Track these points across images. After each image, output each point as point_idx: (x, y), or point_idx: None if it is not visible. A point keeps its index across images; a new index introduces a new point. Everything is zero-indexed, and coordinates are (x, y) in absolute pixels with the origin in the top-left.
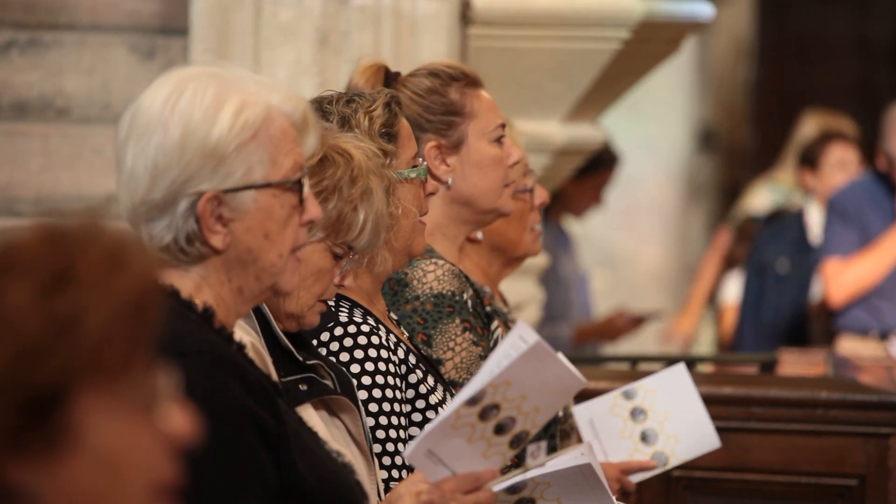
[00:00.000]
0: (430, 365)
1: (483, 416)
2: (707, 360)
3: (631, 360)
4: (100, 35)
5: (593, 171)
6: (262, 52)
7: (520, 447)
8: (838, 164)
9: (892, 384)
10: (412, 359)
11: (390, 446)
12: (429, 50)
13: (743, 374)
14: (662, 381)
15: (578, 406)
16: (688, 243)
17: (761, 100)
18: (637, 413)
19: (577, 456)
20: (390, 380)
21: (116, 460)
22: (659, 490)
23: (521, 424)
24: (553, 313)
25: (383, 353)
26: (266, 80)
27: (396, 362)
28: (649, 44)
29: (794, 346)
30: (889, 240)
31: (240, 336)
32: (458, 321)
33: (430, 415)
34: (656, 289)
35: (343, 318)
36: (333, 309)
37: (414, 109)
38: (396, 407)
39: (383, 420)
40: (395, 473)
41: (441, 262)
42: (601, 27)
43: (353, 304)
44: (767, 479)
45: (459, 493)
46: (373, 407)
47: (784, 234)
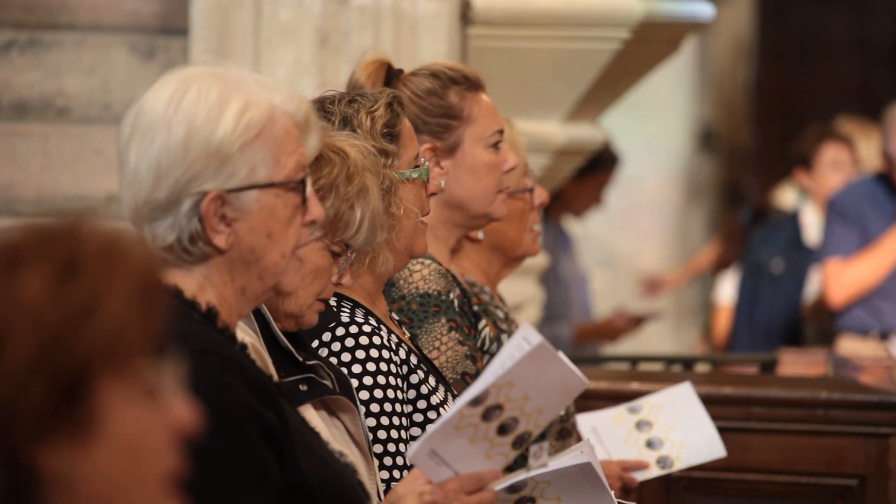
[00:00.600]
0: (432, 365)
1: (486, 416)
2: (707, 361)
3: (631, 360)
4: (100, 35)
5: (593, 171)
6: (262, 52)
7: (522, 448)
8: (832, 164)
9: (892, 384)
10: (413, 359)
11: (391, 446)
12: (429, 50)
13: (743, 374)
14: (668, 398)
15: (582, 416)
16: (688, 243)
17: (761, 100)
18: (642, 425)
19: (577, 454)
20: (392, 380)
21: (138, 445)
22: (659, 490)
23: (524, 425)
24: (553, 313)
25: (385, 354)
26: (269, 81)
27: (398, 363)
28: (649, 44)
29: (788, 347)
30: (889, 240)
31: (241, 336)
32: (443, 320)
33: (432, 415)
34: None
35: (345, 318)
36: (335, 309)
37: (412, 110)
38: (398, 407)
39: (384, 420)
40: (395, 474)
41: (428, 261)
42: (601, 27)
43: (355, 305)
44: (767, 479)
45: (462, 493)
46: (374, 407)
47: (778, 234)
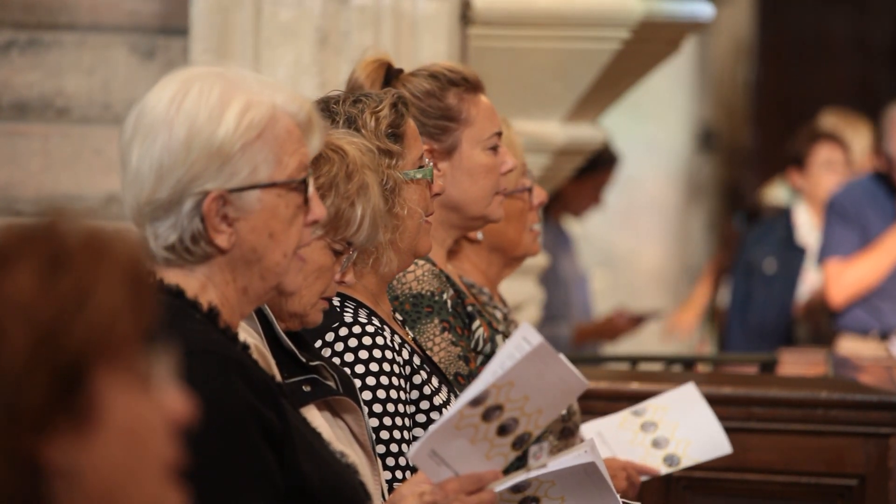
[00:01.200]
0: (435, 366)
1: (486, 416)
2: (707, 361)
3: (631, 360)
4: (100, 35)
5: (592, 171)
6: (262, 52)
7: (522, 448)
8: (825, 164)
9: (892, 384)
10: (416, 360)
11: (394, 447)
12: (429, 50)
13: (743, 374)
14: (672, 399)
15: (587, 424)
16: (688, 243)
17: (761, 100)
18: (647, 426)
19: (581, 454)
20: (394, 380)
21: (137, 435)
22: (659, 490)
23: (524, 426)
24: (553, 313)
25: (388, 354)
26: (270, 81)
27: (401, 363)
28: (649, 44)
29: (782, 347)
30: (889, 240)
31: (243, 336)
32: (436, 321)
33: (435, 416)
34: (656, 289)
35: (348, 318)
36: (339, 309)
37: (411, 112)
38: (401, 408)
39: (387, 421)
40: (398, 474)
41: (421, 262)
42: (601, 27)
43: (359, 305)
44: (767, 479)
45: (462, 493)
46: (377, 407)
47: (771, 234)
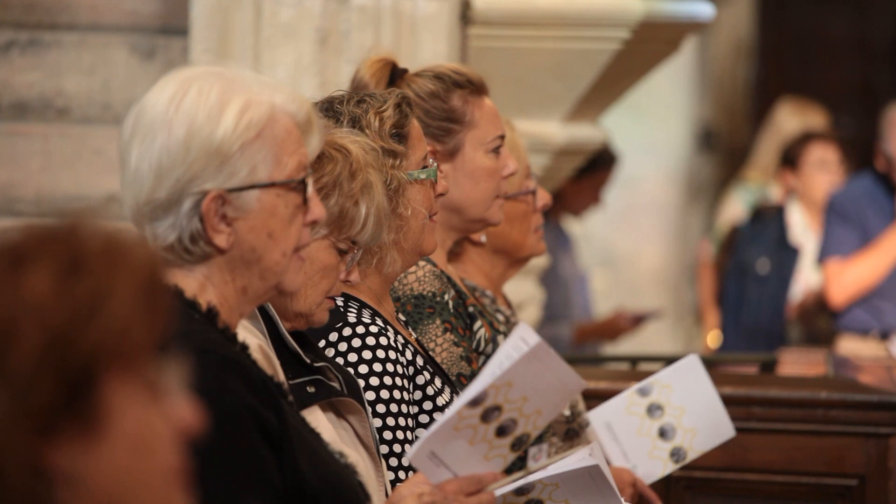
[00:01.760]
0: (438, 367)
1: (485, 417)
2: (707, 361)
3: (631, 360)
4: (100, 35)
5: (592, 171)
6: (262, 52)
7: (521, 449)
8: (818, 164)
9: (892, 384)
10: (420, 360)
11: (397, 447)
12: (429, 50)
13: (743, 374)
14: (676, 374)
15: (594, 411)
16: (688, 243)
17: (761, 100)
18: (654, 409)
19: (585, 457)
20: (398, 381)
21: (144, 442)
22: (659, 490)
23: (523, 426)
24: (553, 313)
25: (391, 354)
26: (270, 80)
27: (404, 363)
28: (649, 44)
29: (776, 347)
30: (889, 239)
31: (243, 336)
32: (438, 322)
33: (438, 416)
34: (656, 289)
35: (352, 318)
36: (342, 309)
37: (415, 112)
38: (404, 408)
39: (391, 421)
40: (401, 475)
41: (422, 263)
42: (601, 27)
43: (362, 305)
44: (767, 479)
45: (461, 494)
46: (380, 408)
47: (764, 234)
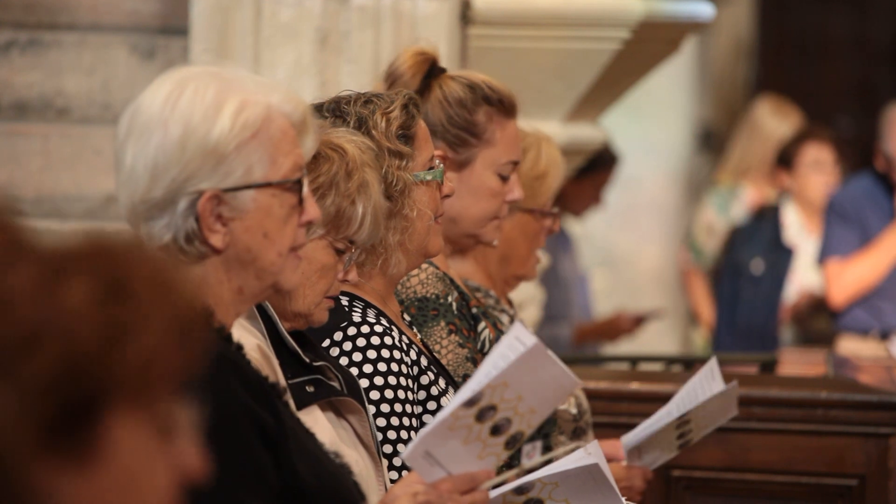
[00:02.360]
0: (442, 367)
1: (480, 417)
2: (707, 361)
3: (631, 360)
4: (100, 35)
5: (592, 171)
6: (262, 52)
7: (514, 448)
8: (813, 165)
9: (892, 384)
10: (424, 360)
11: (401, 447)
12: None
13: (743, 373)
14: (712, 399)
15: (627, 437)
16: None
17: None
18: (683, 425)
19: (585, 456)
20: (402, 380)
21: (136, 481)
22: (659, 490)
23: (517, 425)
24: (553, 313)
25: (396, 354)
26: (266, 81)
27: (409, 363)
28: (649, 44)
29: (770, 347)
30: (888, 239)
31: (238, 336)
32: (443, 324)
33: None
34: (656, 289)
35: (356, 318)
36: (347, 309)
37: (437, 114)
38: (408, 408)
39: (394, 420)
40: (404, 474)
41: (425, 265)
42: (601, 27)
43: (367, 305)
44: (767, 479)
45: (456, 493)
46: (384, 407)
47: (759, 234)
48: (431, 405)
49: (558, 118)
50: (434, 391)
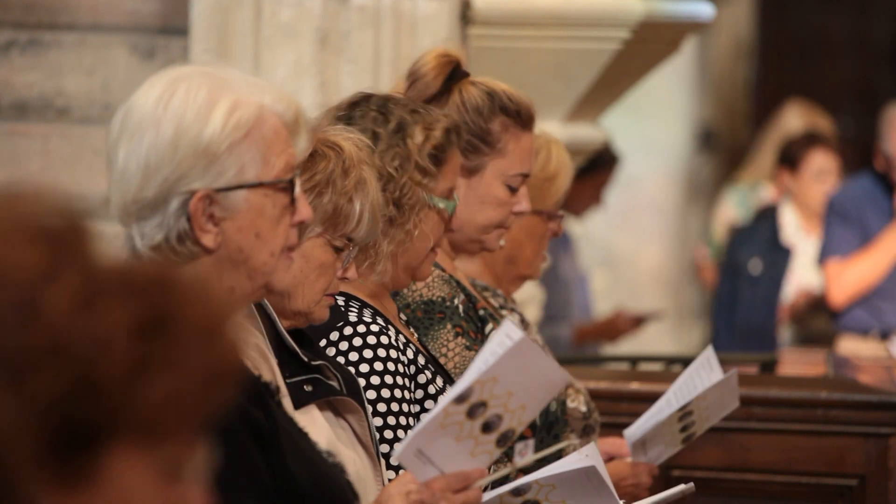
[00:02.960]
0: (440, 366)
1: (470, 414)
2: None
3: (631, 360)
4: (100, 35)
5: (593, 171)
6: (262, 52)
7: (506, 445)
8: (817, 173)
9: (892, 384)
10: (421, 360)
11: (398, 446)
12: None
13: (743, 373)
14: (711, 389)
15: (630, 430)
16: (688, 243)
17: (761, 100)
18: (685, 417)
19: (582, 458)
20: (399, 380)
21: None
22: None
23: (508, 422)
24: (553, 313)
25: (392, 353)
26: (258, 81)
27: (405, 362)
28: (649, 44)
29: (768, 347)
30: (888, 238)
31: None
32: (449, 326)
33: None
34: (656, 289)
35: (352, 317)
36: (343, 309)
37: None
38: (405, 407)
39: (392, 420)
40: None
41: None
42: (601, 27)
43: (363, 304)
44: (767, 479)
45: (449, 491)
46: (381, 407)
47: (757, 234)
48: (429, 404)
49: (558, 118)
50: (431, 390)
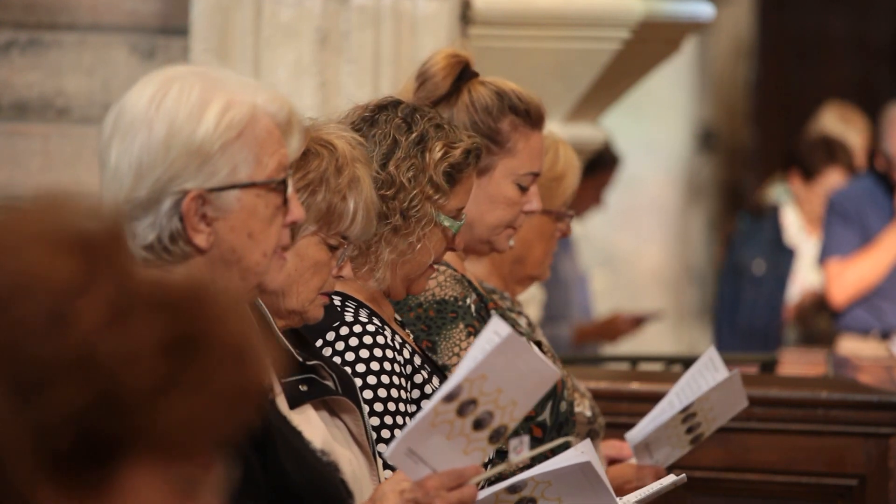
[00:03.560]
0: (436, 367)
1: (461, 411)
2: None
3: (631, 360)
4: (100, 35)
5: (594, 171)
6: (262, 52)
7: (499, 442)
8: (831, 189)
9: (892, 384)
10: (417, 360)
11: (389, 446)
12: (429, 50)
13: (743, 373)
14: (714, 390)
15: (632, 433)
16: (688, 243)
17: (761, 100)
18: (689, 418)
19: (578, 454)
20: (395, 379)
21: None
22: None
23: (500, 419)
24: (553, 313)
25: (388, 353)
26: (251, 81)
27: (402, 362)
28: (649, 44)
29: (771, 348)
30: (889, 238)
31: None
32: (461, 326)
33: None
34: (656, 289)
35: (349, 317)
36: (339, 309)
37: (462, 118)
38: (401, 407)
39: (388, 420)
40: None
41: (443, 267)
42: (601, 27)
43: (359, 305)
44: (767, 479)
45: (443, 489)
46: (378, 406)
47: (760, 235)
48: (425, 404)
49: (558, 118)
50: (428, 390)
